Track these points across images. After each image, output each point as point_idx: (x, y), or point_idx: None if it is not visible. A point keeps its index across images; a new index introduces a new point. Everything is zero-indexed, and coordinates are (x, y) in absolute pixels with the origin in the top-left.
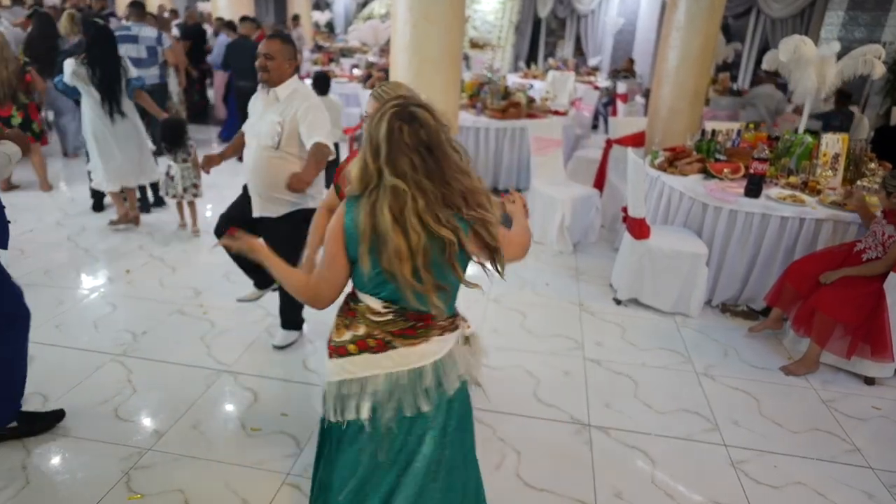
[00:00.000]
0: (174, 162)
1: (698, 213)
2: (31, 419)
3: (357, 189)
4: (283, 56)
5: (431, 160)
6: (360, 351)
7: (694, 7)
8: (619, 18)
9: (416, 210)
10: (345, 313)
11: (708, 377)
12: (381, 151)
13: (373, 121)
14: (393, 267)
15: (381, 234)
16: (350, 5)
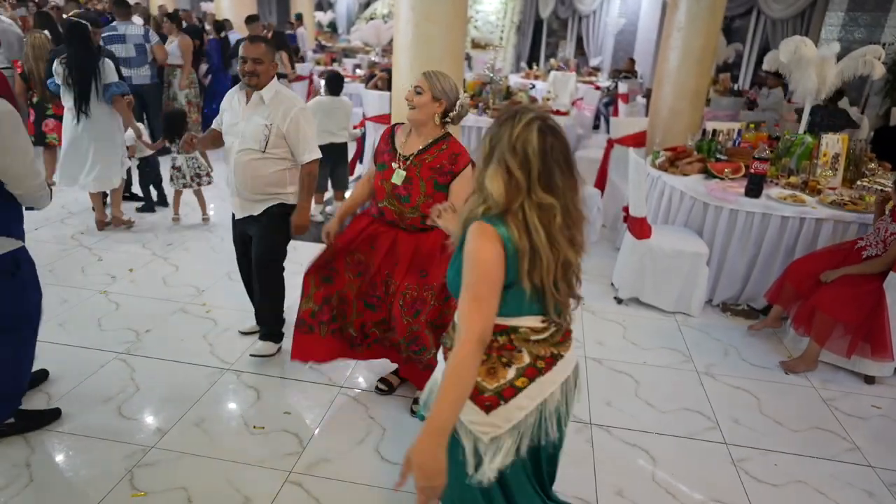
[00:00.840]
0: (178, 153)
1: (699, 212)
2: (27, 416)
3: (502, 205)
4: (271, 60)
5: (570, 176)
6: (531, 380)
7: (695, 7)
8: (620, 19)
9: (559, 226)
10: (497, 352)
11: (709, 376)
12: (534, 165)
13: (513, 131)
14: (544, 281)
15: (536, 250)
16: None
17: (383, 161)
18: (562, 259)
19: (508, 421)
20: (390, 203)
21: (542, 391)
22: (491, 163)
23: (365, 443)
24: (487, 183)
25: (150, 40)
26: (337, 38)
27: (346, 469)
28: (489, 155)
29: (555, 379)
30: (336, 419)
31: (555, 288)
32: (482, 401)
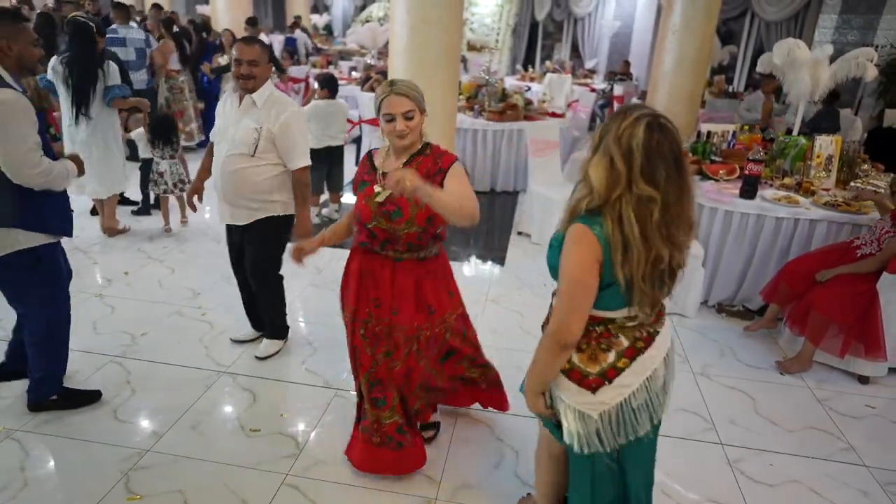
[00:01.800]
0: (163, 158)
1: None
2: (69, 394)
3: (602, 194)
4: (265, 62)
5: (677, 175)
6: (632, 360)
7: (690, 10)
8: (615, 21)
9: (656, 220)
10: (596, 340)
11: (705, 377)
12: (636, 158)
13: (621, 124)
14: (633, 275)
15: (628, 243)
16: (348, 8)
17: (364, 180)
18: (653, 255)
19: (616, 398)
20: (379, 223)
21: (645, 368)
22: (597, 153)
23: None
24: (591, 171)
25: (151, 44)
26: (333, 41)
27: (343, 471)
28: (597, 146)
29: (656, 355)
30: (332, 421)
31: (643, 282)
32: (588, 384)
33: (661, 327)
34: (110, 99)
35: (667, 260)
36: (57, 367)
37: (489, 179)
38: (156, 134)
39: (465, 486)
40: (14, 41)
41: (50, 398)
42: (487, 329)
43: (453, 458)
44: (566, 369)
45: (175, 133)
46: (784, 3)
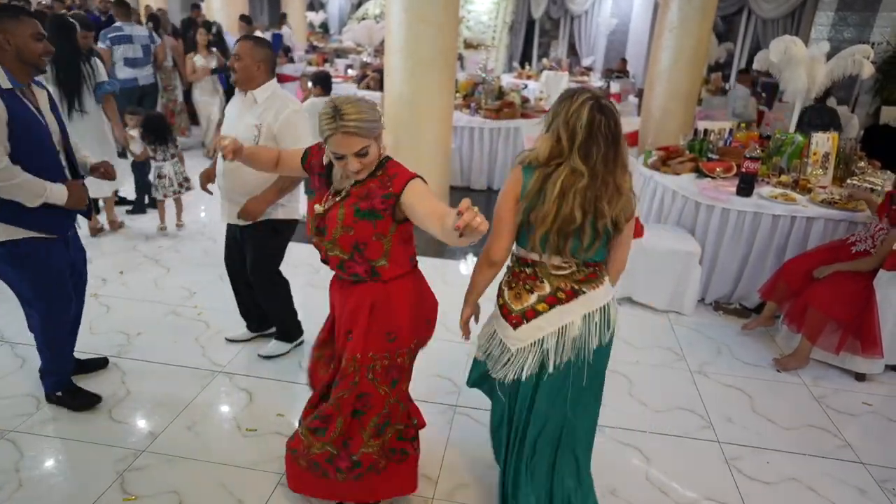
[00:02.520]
0: (164, 160)
1: (691, 211)
2: (74, 392)
3: (542, 161)
4: (252, 57)
5: (612, 150)
6: (551, 307)
7: (686, 8)
8: (612, 19)
9: (580, 188)
10: (522, 280)
11: (702, 375)
12: (578, 137)
13: (569, 108)
14: (539, 224)
15: (542, 196)
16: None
17: (314, 188)
18: (564, 214)
19: (530, 337)
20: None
21: (561, 318)
22: (549, 130)
23: None
24: (538, 143)
25: (155, 41)
26: (328, 39)
27: None
28: (549, 124)
29: (574, 310)
30: None
31: (551, 233)
32: (511, 319)
33: (591, 289)
34: (101, 94)
35: (579, 222)
36: (57, 364)
37: (485, 177)
38: (148, 133)
39: (462, 486)
40: (12, 35)
41: (55, 393)
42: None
43: (450, 457)
44: (499, 304)
45: (169, 131)
46: (780, 1)
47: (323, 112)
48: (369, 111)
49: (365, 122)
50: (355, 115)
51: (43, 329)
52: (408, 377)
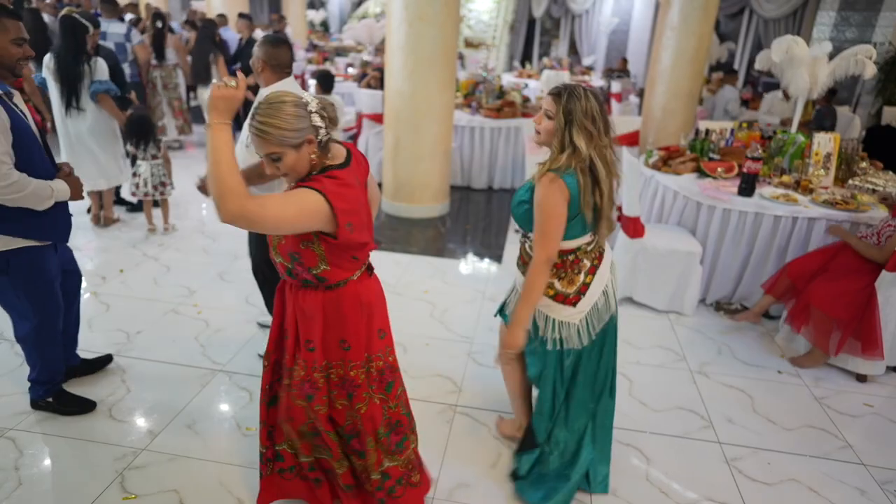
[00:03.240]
0: (143, 160)
1: (692, 211)
2: (64, 399)
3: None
4: (256, 56)
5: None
6: (594, 275)
7: (687, 7)
8: (613, 18)
9: (611, 161)
10: (570, 267)
11: (702, 375)
12: (599, 122)
13: (582, 104)
14: (605, 202)
15: (597, 181)
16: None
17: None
18: (610, 185)
19: (589, 304)
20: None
21: (603, 278)
22: (573, 127)
23: None
24: (577, 142)
25: (132, 39)
26: (329, 37)
27: None
28: (568, 123)
29: (606, 265)
30: None
31: (608, 208)
32: (570, 301)
33: (604, 243)
34: (92, 92)
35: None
36: (49, 373)
37: (486, 177)
38: (130, 133)
39: (461, 485)
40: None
41: (45, 399)
42: (485, 327)
43: (450, 456)
44: (551, 295)
45: (153, 132)
46: (782, 1)
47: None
48: (285, 120)
49: (272, 129)
50: (263, 119)
51: (35, 339)
52: (369, 398)
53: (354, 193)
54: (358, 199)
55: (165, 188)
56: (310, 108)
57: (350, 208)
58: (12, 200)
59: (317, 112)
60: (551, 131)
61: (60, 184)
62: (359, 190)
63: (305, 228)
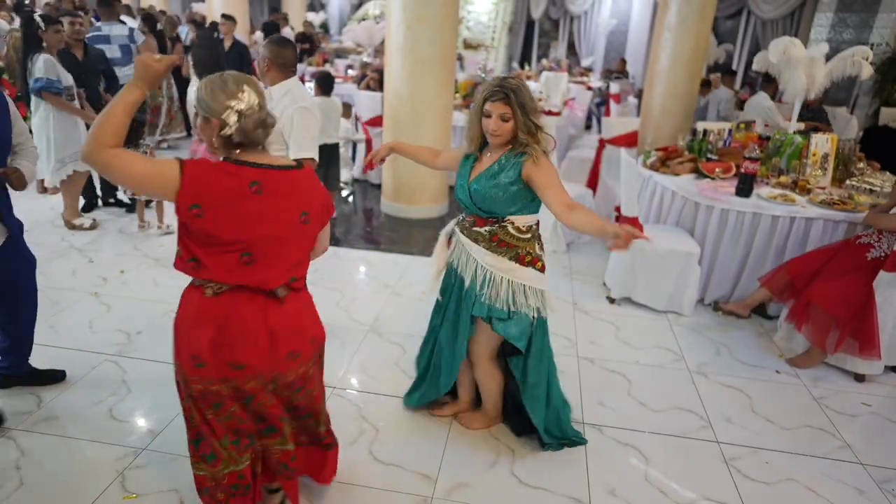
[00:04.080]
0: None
1: (690, 212)
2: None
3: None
4: (262, 56)
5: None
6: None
7: (685, 9)
8: (611, 19)
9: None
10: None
11: (701, 375)
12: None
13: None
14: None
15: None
16: (344, 6)
17: None
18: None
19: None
20: None
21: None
22: (530, 113)
23: (358, 444)
24: (538, 122)
25: (136, 40)
26: (329, 39)
27: (339, 470)
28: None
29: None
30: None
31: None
32: (542, 267)
33: None
34: (33, 90)
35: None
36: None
37: None
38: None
39: (461, 485)
40: None
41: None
42: None
43: (449, 456)
44: (529, 261)
45: (139, 135)
46: (780, 2)
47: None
48: (202, 89)
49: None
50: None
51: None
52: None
53: (232, 189)
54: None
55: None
56: (238, 104)
57: (210, 197)
58: None
59: (238, 112)
60: (512, 129)
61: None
62: (253, 199)
63: (148, 190)
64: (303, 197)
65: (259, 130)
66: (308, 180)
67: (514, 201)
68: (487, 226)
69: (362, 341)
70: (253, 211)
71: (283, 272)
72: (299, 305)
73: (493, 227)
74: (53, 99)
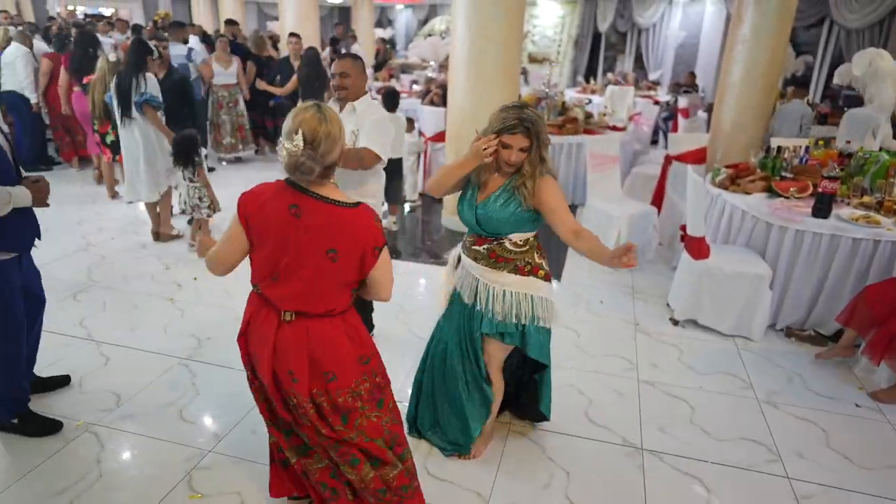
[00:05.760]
0: (182, 179)
1: (762, 233)
2: (28, 420)
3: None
4: (358, 72)
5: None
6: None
7: (760, 20)
8: (681, 31)
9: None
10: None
11: (770, 405)
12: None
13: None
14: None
15: None
16: (411, 22)
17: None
18: None
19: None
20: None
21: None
22: (542, 146)
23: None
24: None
25: (193, 59)
26: (395, 54)
27: None
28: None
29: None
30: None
31: None
32: (549, 277)
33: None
34: (136, 104)
35: None
36: (10, 391)
37: None
38: (175, 153)
39: None
40: None
41: (10, 421)
42: None
43: (503, 476)
44: (529, 270)
45: (195, 153)
46: (866, 11)
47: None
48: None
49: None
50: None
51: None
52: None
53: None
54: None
55: (201, 210)
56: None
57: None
58: None
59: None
60: (525, 158)
61: (20, 189)
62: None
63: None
64: (336, 234)
65: (297, 172)
66: (353, 220)
67: (521, 224)
68: (486, 244)
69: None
70: (288, 233)
71: (295, 298)
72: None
73: (491, 245)
74: (152, 112)
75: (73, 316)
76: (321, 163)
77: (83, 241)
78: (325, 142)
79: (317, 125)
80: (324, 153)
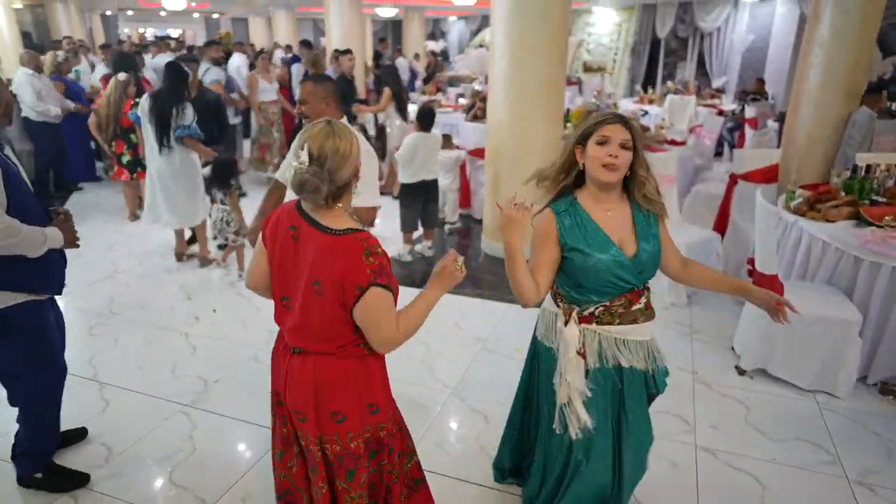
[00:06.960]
0: (213, 202)
1: (848, 268)
2: (55, 472)
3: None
4: (316, 97)
5: None
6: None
7: (841, 19)
8: (748, 35)
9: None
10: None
11: (864, 487)
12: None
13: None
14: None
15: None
16: (464, 33)
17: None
18: None
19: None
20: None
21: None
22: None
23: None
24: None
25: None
26: (447, 67)
27: None
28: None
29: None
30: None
31: None
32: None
33: None
34: (177, 137)
35: None
36: (42, 443)
37: None
38: (213, 176)
39: None
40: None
41: (34, 475)
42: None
43: None
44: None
45: (232, 177)
46: None
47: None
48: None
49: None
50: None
51: (33, 404)
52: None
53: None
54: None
55: (228, 236)
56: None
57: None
58: (7, 246)
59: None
60: (630, 161)
61: (53, 230)
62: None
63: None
64: (320, 264)
65: (303, 191)
66: (333, 247)
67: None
68: (642, 295)
69: (442, 406)
70: (287, 257)
71: (297, 331)
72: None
73: (645, 293)
74: (193, 143)
75: (85, 354)
76: (329, 181)
77: (111, 269)
78: (333, 158)
79: (323, 140)
80: (331, 170)
